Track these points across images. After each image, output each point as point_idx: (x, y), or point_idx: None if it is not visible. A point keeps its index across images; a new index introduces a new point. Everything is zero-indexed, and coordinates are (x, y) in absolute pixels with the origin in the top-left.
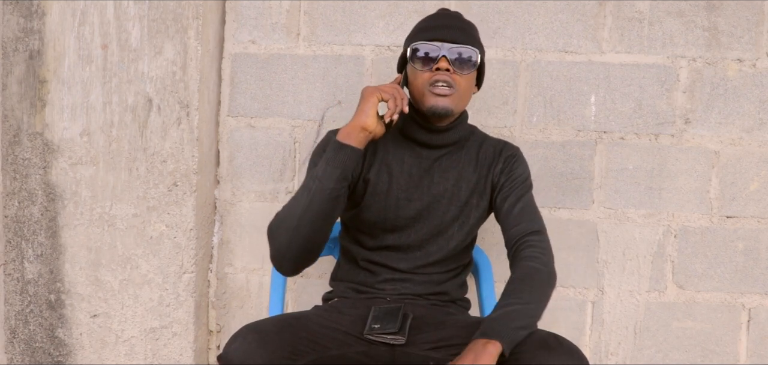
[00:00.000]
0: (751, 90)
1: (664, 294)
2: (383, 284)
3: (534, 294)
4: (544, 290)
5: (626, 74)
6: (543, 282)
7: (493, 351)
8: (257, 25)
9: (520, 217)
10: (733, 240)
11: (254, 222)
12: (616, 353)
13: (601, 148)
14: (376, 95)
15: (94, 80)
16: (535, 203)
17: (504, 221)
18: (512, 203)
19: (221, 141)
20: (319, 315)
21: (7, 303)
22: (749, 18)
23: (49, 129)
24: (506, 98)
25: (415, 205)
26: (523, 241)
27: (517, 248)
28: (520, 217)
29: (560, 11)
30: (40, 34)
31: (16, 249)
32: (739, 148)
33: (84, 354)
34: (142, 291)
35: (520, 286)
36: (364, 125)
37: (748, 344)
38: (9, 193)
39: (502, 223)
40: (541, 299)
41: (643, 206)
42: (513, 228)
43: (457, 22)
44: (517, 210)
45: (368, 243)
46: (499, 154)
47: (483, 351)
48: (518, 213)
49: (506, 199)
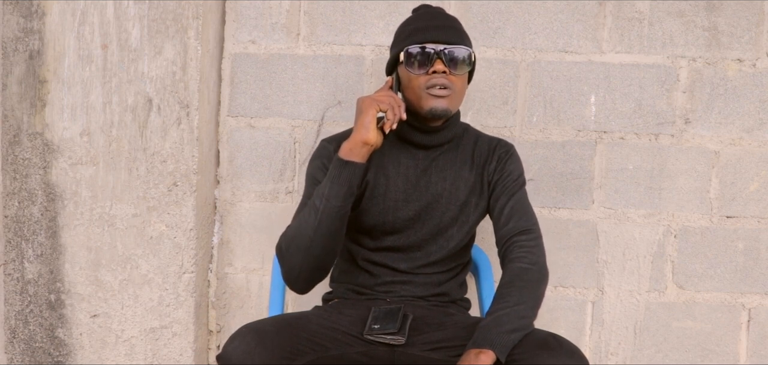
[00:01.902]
0: (751, 90)
1: (664, 294)
2: (383, 285)
3: (524, 295)
4: (534, 289)
5: (626, 74)
6: (532, 281)
7: (486, 361)
8: (257, 25)
9: (509, 216)
10: (733, 240)
11: (254, 222)
12: (616, 353)
13: (601, 148)
14: (374, 106)
15: (94, 80)
16: (527, 200)
17: (495, 223)
18: (503, 204)
19: (221, 141)
20: (319, 315)
21: (7, 303)
22: (749, 18)
23: (49, 129)
24: (506, 97)
25: (414, 206)
26: (511, 242)
27: (506, 250)
28: (509, 216)
29: (560, 11)
30: (40, 34)
31: (16, 249)
32: (739, 148)
33: (84, 354)
34: (142, 291)
35: (509, 289)
36: (365, 140)
37: (748, 344)
38: (9, 193)
39: (493, 220)
40: (533, 298)
41: (643, 206)
42: (502, 229)
43: (447, 20)
44: (507, 210)
45: (368, 244)
46: (493, 152)
47: (476, 362)
48: (508, 213)
49: (498, 199)
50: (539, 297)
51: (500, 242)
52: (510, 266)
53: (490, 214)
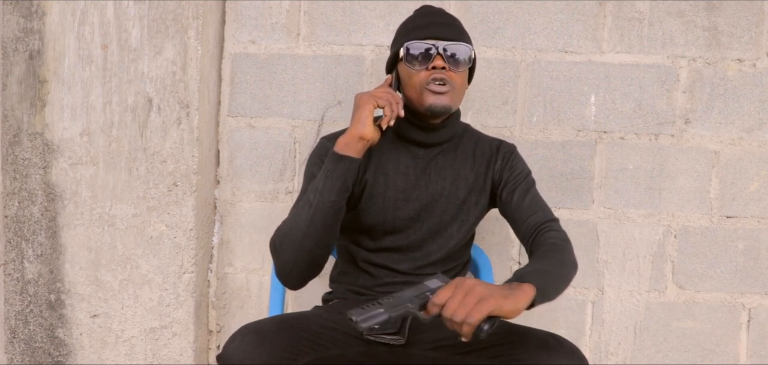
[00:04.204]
0: (751, 90)
1: (664, 294)
2: (383, 286)
3: (562, 268)
4: (569, 270)
5: (626, 74)
6: (567, 263)
7: (529, 292)
8: (257, 25)
9: (535, 207)
10: (733, 240)
11: (254, 222)
12: (616, 353)
13: (601, 148)
14: (371, 102)
15: (94, 80)
16: (541, 196)
17: (516, 212)
18: (521, 196)
19: (221, 141)
20: (319, 315)
21: (7, 303)
22: (749, 18)
23: (49, 129)
24: (506, 97)
25: (413, 205)
26: (545, 226)
27: (540, 232)
28: (535, 207)
29: (560, 11)
30: (40, 34)
31: (16, 249)
32: (739, 148)
33: (84, 354)
34: (142, 291)
35: (550, 254)
36: (361, 134)
37: (748, 344)
38: (9, 193)
39: (513, 214)
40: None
41: (643, 206)
42: (530, 217)
43: (447, 18)
44: (528, 201)
45: (367, 245)
46: (497, 151)
47: (518, 289)
48: (531, 204)
49: (513, 192)
50: (569, 280)
51: (530, 229)
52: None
53: (505, 208)
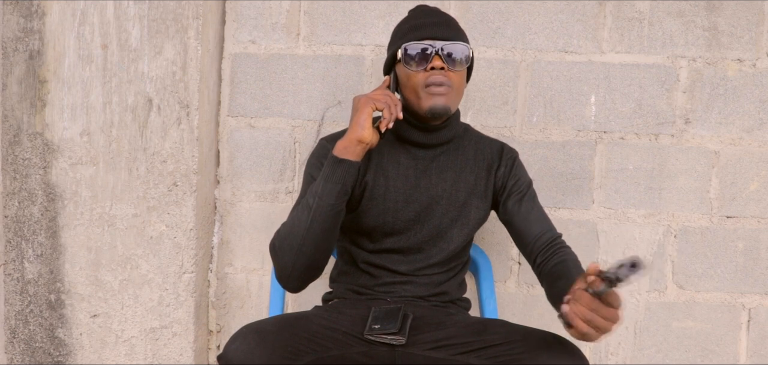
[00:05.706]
0: (751, 90)
1: (664, 294)
2: (383, 286)
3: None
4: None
5: (626, 74)
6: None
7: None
8: (257, 25)
9: (543, 222)
10: (733, 240)
11: (254, 222)
12: (616, 353)
13: (601, 148)
14: (369, 105)
15: (94, 80)
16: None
17: (523, 224)
18: (528, 208)
19: (221, 141)
20: (319, 315)
21: (7, 303)
22: (749, 18)
23: (49, 129)
24: (506, 97)
25: (414, 207)
26: (557, 242)
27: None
28: (543, 222)
29: (560, 11)
30: (40, 34)
31: (16, 249)
32: (739, 148)
33: (84, 354)
34: (142, 291)
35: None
36: (360, 137)
37: (748, 344)
38: (9, 193)
39: (519, 225)
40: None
41: (643, 206)
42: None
43: (444, 18)
44: (536, 214)
45: (367, 246)
46: (500, 156)
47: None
48: (539, 218)
49: (520, 202)
50: None
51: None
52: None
53: (511, 217)
